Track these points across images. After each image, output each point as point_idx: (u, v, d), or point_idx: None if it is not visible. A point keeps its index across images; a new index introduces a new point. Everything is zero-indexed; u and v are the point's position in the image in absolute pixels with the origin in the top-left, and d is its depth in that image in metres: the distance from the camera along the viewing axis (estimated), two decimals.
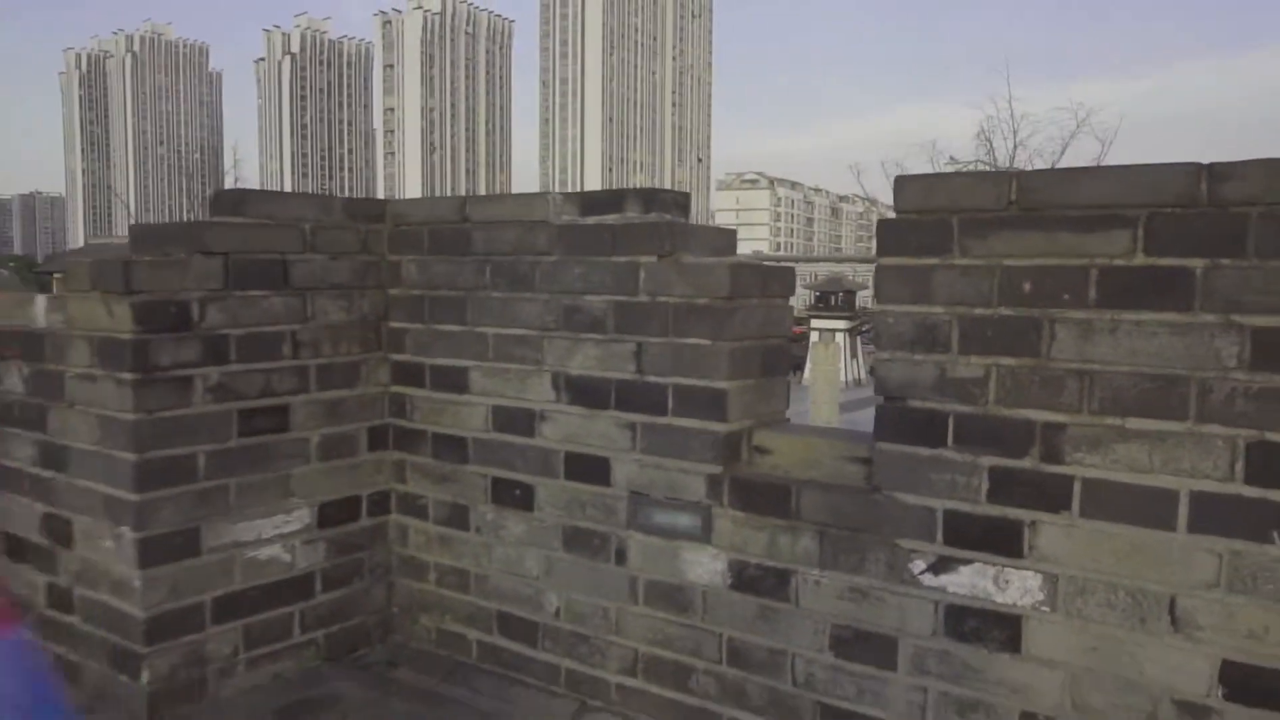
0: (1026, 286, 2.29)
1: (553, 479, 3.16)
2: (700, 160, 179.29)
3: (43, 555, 3.29)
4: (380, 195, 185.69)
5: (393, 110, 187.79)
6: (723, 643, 2.84)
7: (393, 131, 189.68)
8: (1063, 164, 38.35)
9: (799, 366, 26.42)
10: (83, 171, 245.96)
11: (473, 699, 3.21)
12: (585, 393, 3.06)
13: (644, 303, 2.90)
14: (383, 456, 3.56)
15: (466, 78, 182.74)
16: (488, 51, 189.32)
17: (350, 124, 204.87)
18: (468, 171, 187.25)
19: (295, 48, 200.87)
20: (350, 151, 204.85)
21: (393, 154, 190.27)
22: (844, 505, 2.59)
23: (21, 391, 3.27)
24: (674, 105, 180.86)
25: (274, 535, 3.26)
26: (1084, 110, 44.89)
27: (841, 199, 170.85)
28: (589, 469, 3.06)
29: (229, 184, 54.99)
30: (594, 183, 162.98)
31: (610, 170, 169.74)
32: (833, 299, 34.27)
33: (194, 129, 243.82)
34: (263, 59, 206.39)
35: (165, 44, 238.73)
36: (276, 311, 3.21)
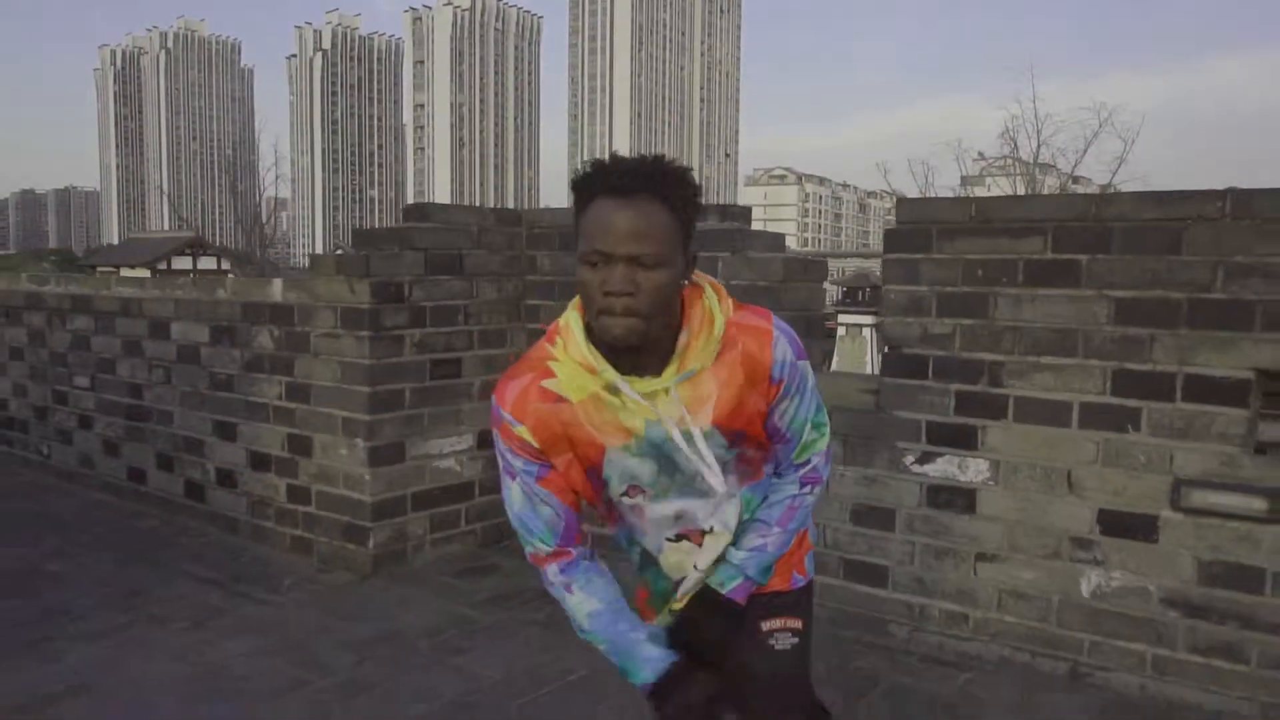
0: (979, 272, 3.52)
1: None
2: (728, 156, 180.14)
3: (284, 464, 4.60)
4: (409, 191, 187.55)
5: (423, 106, 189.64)
6: None
7: (423, 127, 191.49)
8: (1084, 163, 39.10)
9: (826, 359, 27.56)
10: (117, 166, 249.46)
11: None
12: None
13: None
14: None
15: (496, 73, 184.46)
16: (516, 47, 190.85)
17: (380, 120, 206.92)
18: (496, 167, 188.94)
19: (326, 44, 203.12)
20: (380, 147, 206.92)
21: (422, 149, 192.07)
22: (860, 421, 3.84)
23: (271, 347, 4.58)
24: (702, 101, 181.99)
25: (449, 451, 4.56)
26: (1106, 110, 45.70)
27: (869, 195, 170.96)
28: None
29: (270, 181, 56.33)
30: None
31: None
32: (860, 294, 35.36)
33: (226, 124, 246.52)
34: (294, 55, 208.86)
35: (199, 40, 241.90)
36: (455, 290, 4.50)
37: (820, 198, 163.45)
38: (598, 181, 1.58)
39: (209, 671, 3.26)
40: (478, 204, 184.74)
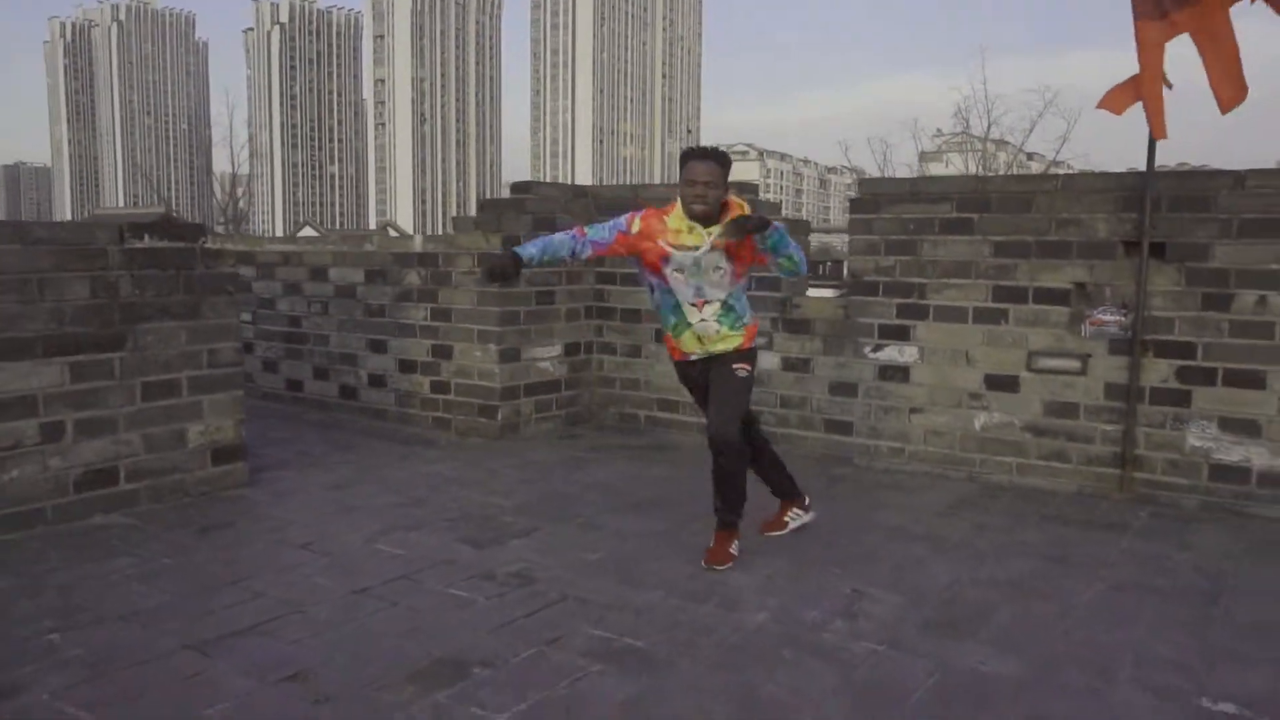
0: (911, 226, 5.51)
1: None
2: (690, 132, 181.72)
3: (428, 367, 6.50)
4: (371, 167, 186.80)
5: (383, 81, 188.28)
6: (778, 398, 6.07)
7: (383, 102, 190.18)
8: (1031, 141, 41.66)
9: None
10: (69, 141, 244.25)
11: (645, 438, 6.44)
12: None
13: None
14: (591, 322, 6.77)
15: (457, 48, 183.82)
16: (478, 22, 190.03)
17: (341, 95, 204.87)
18: (458, 143, 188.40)
19: (284, 18, 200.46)
20: (341, 123, 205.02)
21: (383, 125, 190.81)
22: (834, 326, 5.82)
23: (419, 283, 6.47)
24: (664, 77, 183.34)
25: (546, 356, 6.48)
26: (1051, 92, 48.53)
27: (830, 170, 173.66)
28: None
29: (238, 159, 56.67)
30: (584, 155, 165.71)
31: (601, 142, 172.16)
32: (820, 268, 37.41)
33: (181, 99, 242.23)
34: (251, 29, 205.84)
35: (151, 13, 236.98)
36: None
37: (781, 173, 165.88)
38: (692, 152, 3.72)
39: (427, 478, 5.15)
40: (440, 179, 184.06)
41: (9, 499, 3.98)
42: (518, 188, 6.45)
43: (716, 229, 3.67)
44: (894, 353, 5.64)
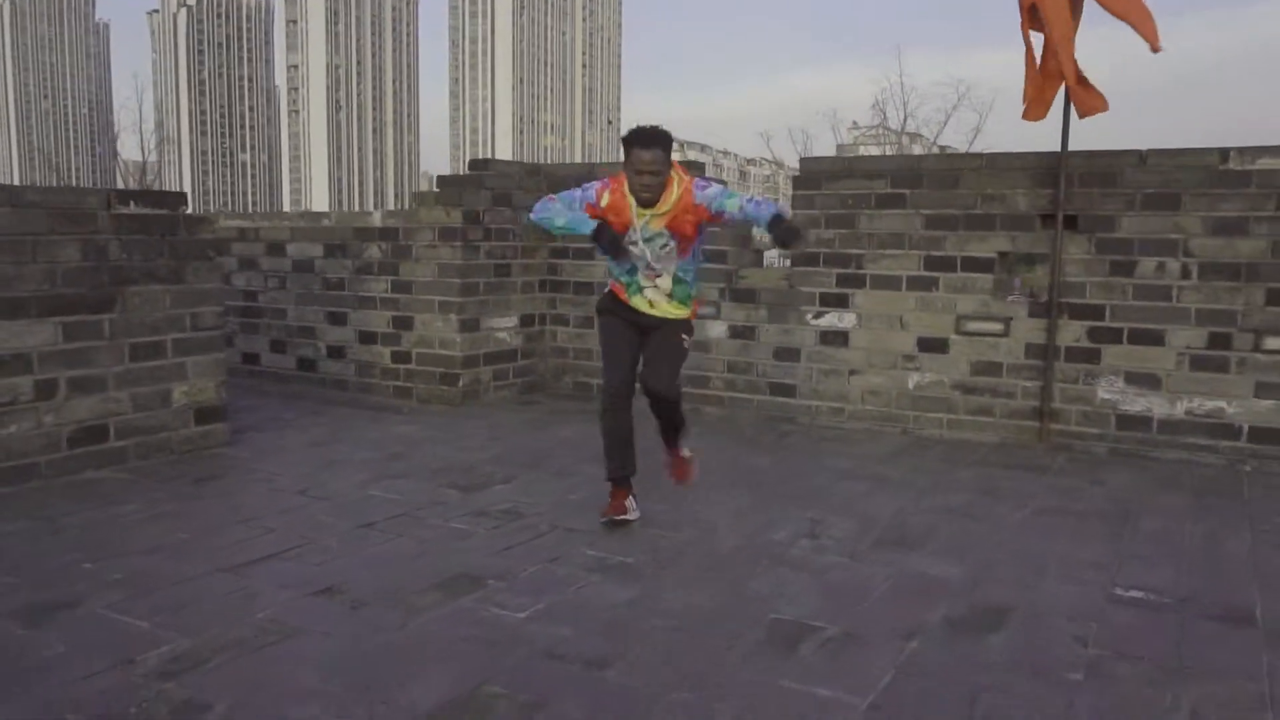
0: (850, 201, 5.95)
1: None
2: (611, 123, 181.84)
3: (388, 337, 6.72)
4: (284, 154, 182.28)
5: (296, 67, 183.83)
6: (725, 363, 6.47)
7: (296, 89, 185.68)
8: (945, 134, 42.93)
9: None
10: None
11: (589, 412, 6.76)
12: None
13: None
14: (545, 295, 7.07)
15: (373, 35, 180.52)
16: (394, 8, 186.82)
17: (252, 80, 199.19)
18: (375, 131, 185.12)
19: (191, 0, 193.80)
20: (252, 109, 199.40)
21: (297, 112, 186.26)
22: (778, 295, 6.23)
23: (379, 257, 6.68)
24: (584, 67, 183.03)
25: (504, 327, 6.77)
26: (964, 86, 50.18)
27: (749, 162, 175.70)
28: None
29: (148, 146, 55.03)
30: (505, 144, 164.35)
31: (521, 131, 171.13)
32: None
33: (81, 82, 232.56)
34: (156, 10, 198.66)
35: None
36: (507, 217, 6.68)
37: (701, 165, 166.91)
38: (635, 137, 3.70)
39: (400, 438, 5.40)
40: (356, 168, 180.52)
41: (5, 453, 4.12)
42: (476, 165, 6.70)
43: (653, 212, 3.75)
44: (834, 319, 6.08)
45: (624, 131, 3.84)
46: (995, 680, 2.41)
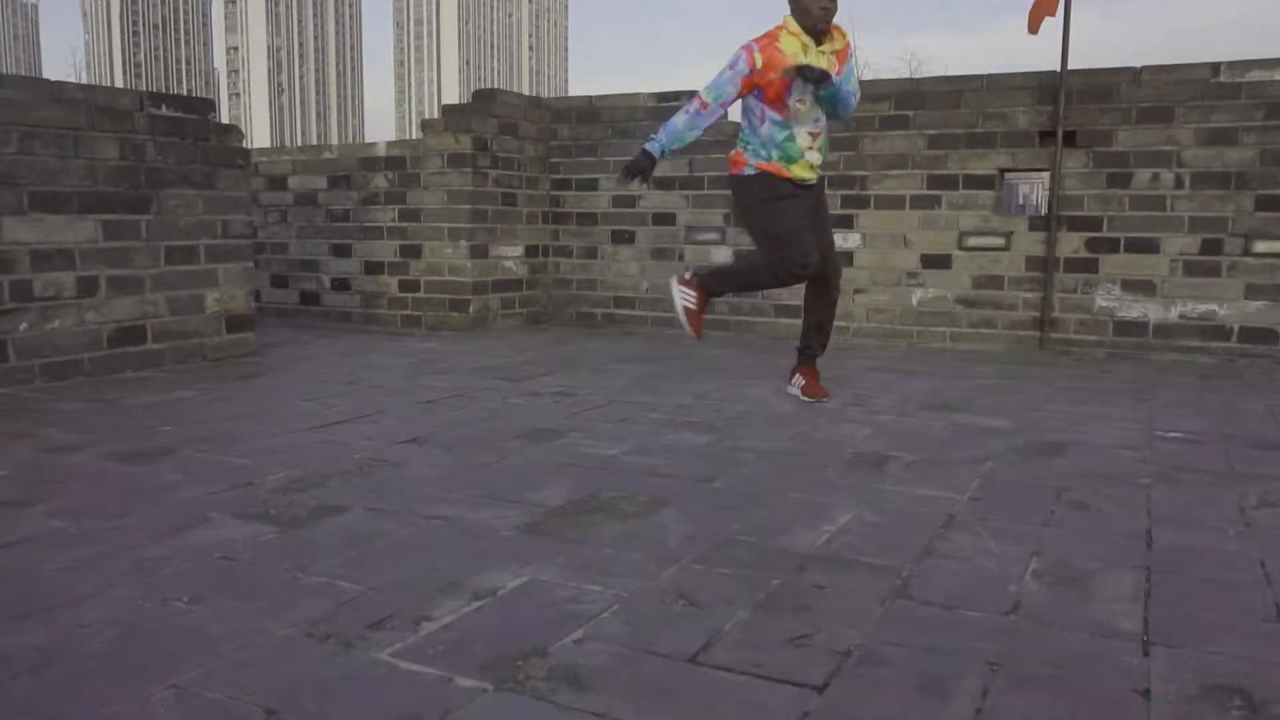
0: (854, 124, 6.11)
1: (646, 226, 6.85)
2: None
3: (396, 267, 6.75)
4: None
5: (236, 49, 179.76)
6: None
7: (237, 71, 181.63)
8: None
9: None
10: None
11: (606, 329, 6.89)
12: (664, 183, 6.74)
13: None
14: (547, 227, 7.15)
15: (315, 16, 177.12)
16: None
17: (189, 63, 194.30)
18: (319, 114, 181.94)
19: None
20: (191, 92, 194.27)
21: (238, 95, 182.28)
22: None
23: (386, 186, 6.70)
24: (531, 49, 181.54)
25: (510, 256, 6.83)
26: (916, 60, 50.80)
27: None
28: (666, 218, 6.77)
29: None
30: None
31: None
32: None
33: (9, 65, 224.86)
34: None
35: None
36: (513, 146, 6.74)
37: None
38: None
39: (426, 350, 5.46)
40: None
41: (51, 348, 4.12)
42: (480, 95, 6.74)
43: (828, 48, 3.71)
44: (839, 239, 6.25)
45: None
46: (1074, 483, 2.59)
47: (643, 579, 1.82)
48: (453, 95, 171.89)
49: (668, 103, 6.72)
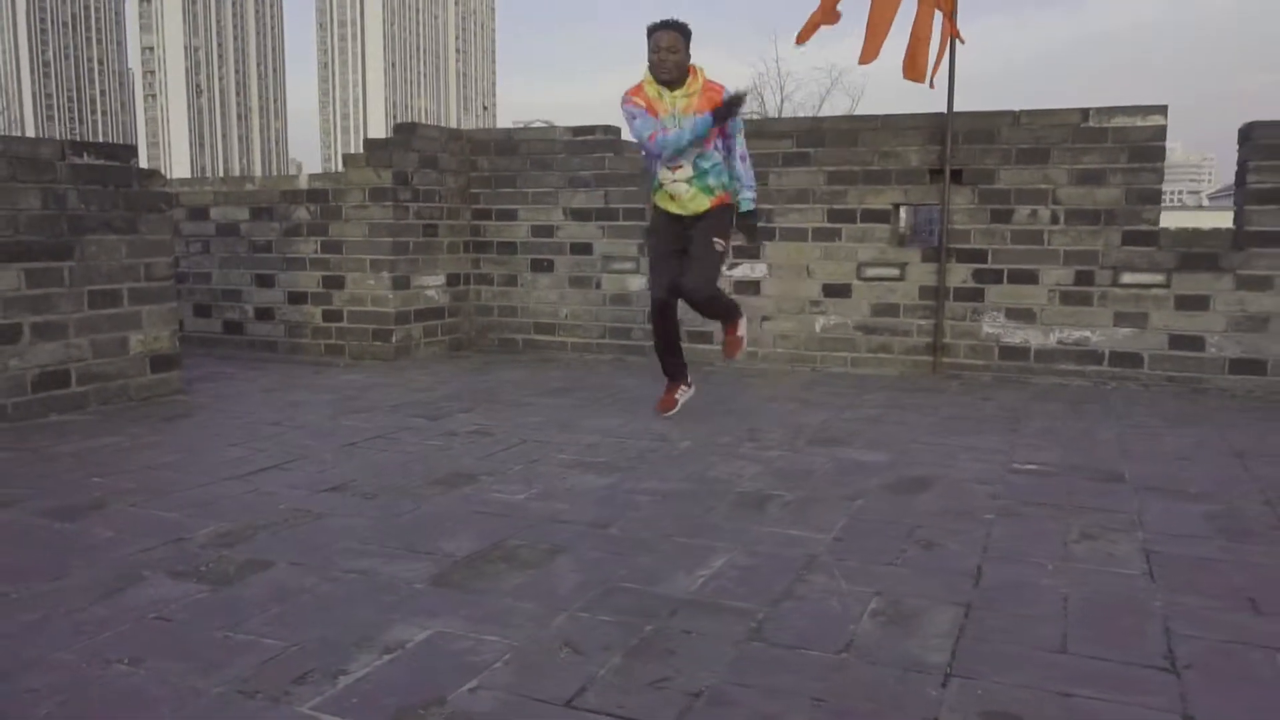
0: (760, 159, 6.46)
1: (564, 255, 7.12)
2: (486, 109, 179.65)
3: (319, 297, 6.90)
4: (142, 140, 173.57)
5: (152, 49, 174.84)
6: (644, 313, 6.90)
7: (153, 72, 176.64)
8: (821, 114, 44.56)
9: None
10: None
11: (527, 355, 7.13)
12: (580, 215, 7.02)
13: (587, 175, 6.88)
14: (468, 255, 7.36)
15: (235, 16, 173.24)
16: None
17: (102, 62, 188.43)
18: (240, 116, 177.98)
19: None
20: (104, 93, 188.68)
21: (154, 96, 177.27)
22: (747, 222, 6.70)
23: (308, 218, 6.85)
24: (458, 52, 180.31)
25: (432, 285, 7.04)
26: (836, 71, 52.04)
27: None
28: (583, 248, 7.04)
29: None
30: (378, 129, 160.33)
31: (395, 116, 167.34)
32: None
33: None
34: None
35: None
36: (433, 179, 6.95)
37: None
38: (656, 25, 4.25)
39: (349, 384, 5.64)
40: (220, 152, 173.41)
41: None
42: (401, 129, 6.93)
43: (680, 93, 4.26)
44: (747, 270, 6.60)
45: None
46: (928, 520, 2.93)
47: (534, 628, 2.09)
48: (378, 98, 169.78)
49: (582, 136, 7.00)
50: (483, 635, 2.05)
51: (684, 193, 4.43)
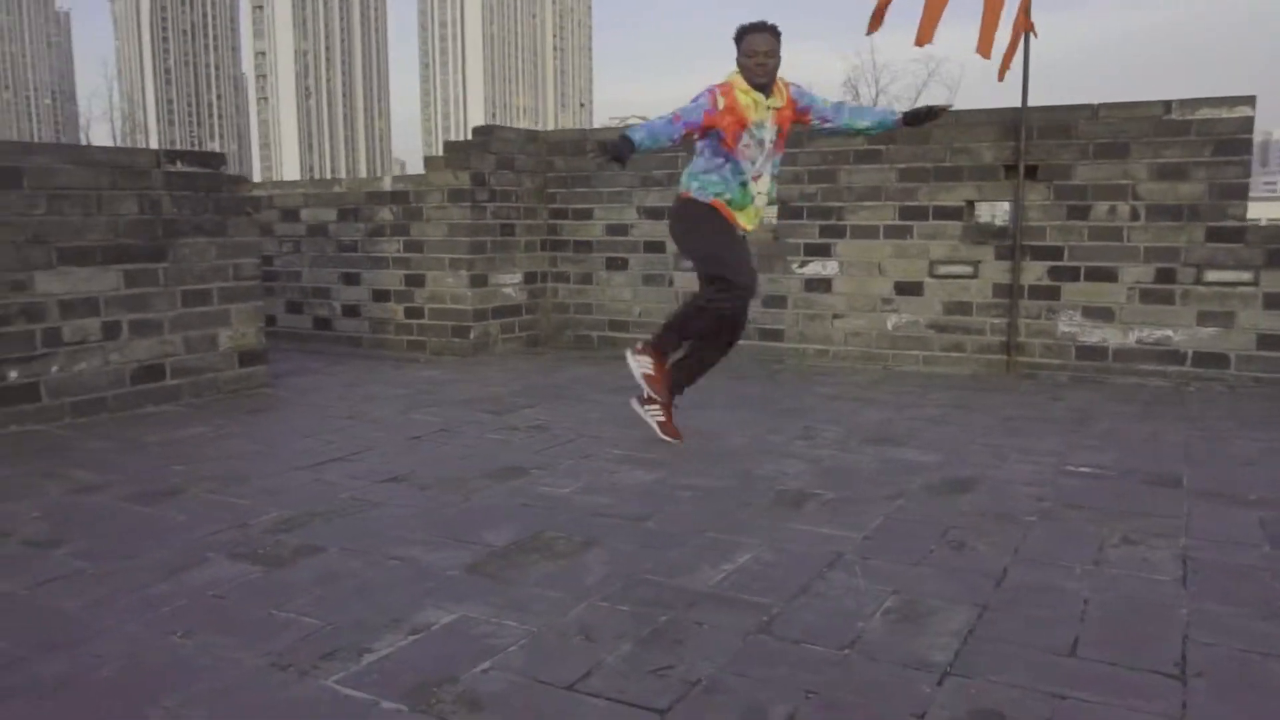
0: (830, 158, 6.45)
1: (637, 253, 7.22)
2: (583, 105, 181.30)
3: (402, 295, 7.16)
4: (254, 142, 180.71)
5: (264, 54, 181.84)
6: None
7: (265, 76, 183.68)
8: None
9: None
10: None
11: (601, 353, 7.26)
12: (652, 214, 7.11)
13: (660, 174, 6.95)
14: (545, 254, 7.54)
15: (341, 20, 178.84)
16: None
17: (218, 68, 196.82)
18: (345, 117, 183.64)
19: None
20: (220, 97, 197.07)
21: (266, 99, 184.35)
22: (766, 247, 6.73)
23: (391, 219, 7.11)
24: (556, 50, 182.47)
25: (509, 283, 7.23)
26: (934, 62, 50.86)
27: None
28: (655, 246, 7.13)
29: (116, 131, 54.82)
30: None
31: (494, 116, 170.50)
32: None
33: (43, 72, 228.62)
34: None
35: None
36: (510, 180, 7.14)
37: None
38: (750, 27, 4.01)
39: (426, 379, 5.86)
40: (328, 152, 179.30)
41: (79, 387, 4.56)
42: (479, 131, 7.14)
43: (771, 102, 4.00)
44: (818, 267, 6.60)
45: (737, 28, 4.03)
46: (964, 521, 2.93)
47: (554, 616, 2.19)
48: (477, 97, 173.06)
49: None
50: (504, 620, 2.16)
51: (762, 205, 4.17)
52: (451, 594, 2.33)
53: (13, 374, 4.31)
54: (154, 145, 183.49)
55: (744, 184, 4.07)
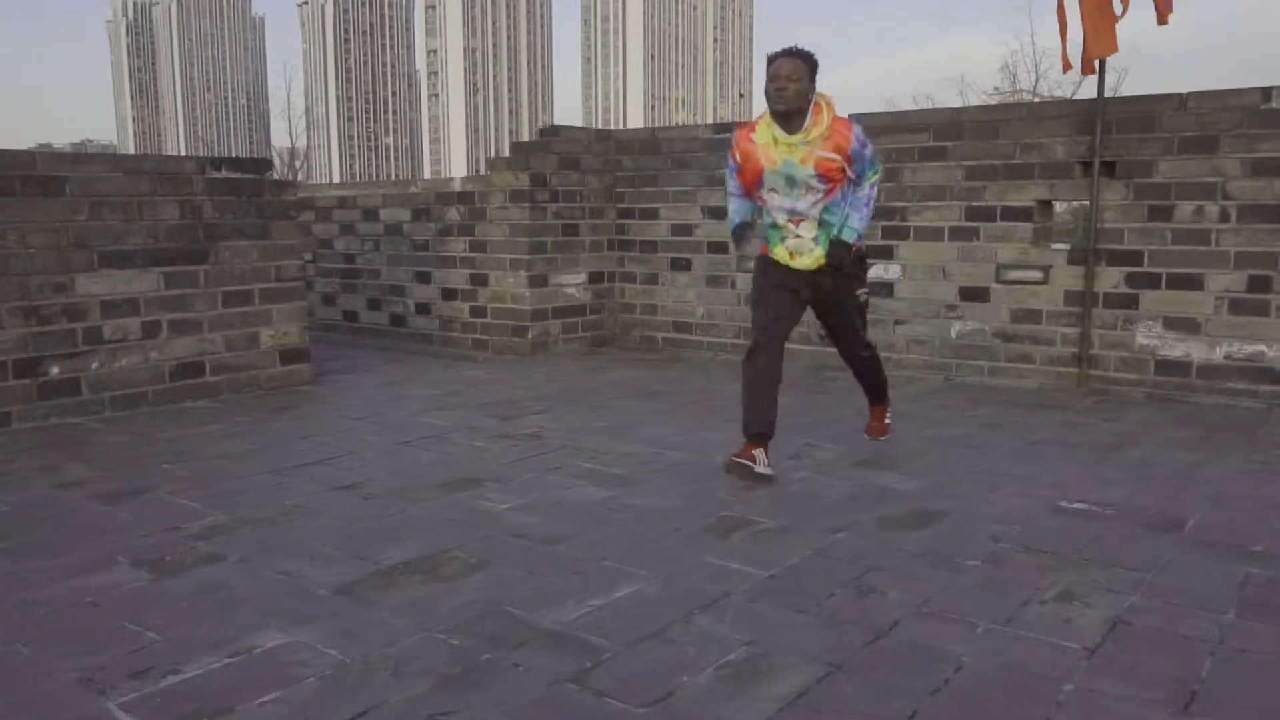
0: (894, 155, 6.11)
1: (701, 254, 7.07)
2: (742, 95, 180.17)
3: (468, 294, 7.27)
4: (425, 136, 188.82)
5: (435, 52, 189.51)
6: None
7: (436, 73, 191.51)
8: (1081, 93, 41.00)
9: None
10: (133, 119, 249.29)
11: (663, 354, 7.15)
12: (716, 214, 6.94)
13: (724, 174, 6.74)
14: (613, 254, 7.48)
15: (508, 17, 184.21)
16: None
17: (394, 66, 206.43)
18: (510, 112, 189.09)
19: None
20: (394, 94, 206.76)
21: (436, 95, 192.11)
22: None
23: (458, 219, 7.23)
24: (715, 41, 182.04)
25: (572, 283, 7.22)
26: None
27: None
28: (719, 247, 6.96)
29: (295, 131, 58.05)
30: (636, 121, 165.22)
31: (653, 107, 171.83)
32: None
33: (240, 74, 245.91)
34: (305, 2, 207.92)
35: None
36: (574, 180, 7.12)
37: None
38: (773, 55, 3.75)
39: (465, 380, 5.93)
40: (493, 146, 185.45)
41: (120, 383, 4.84)
42: (546, 132, 7.16)
43: (800, 139, 3.64)
44: (880, 270, 6.27)
45: None
46: (893, 563, 2.69)
47: (380, 646, 2.14)
48: (637, 90, 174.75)
49: (722, 134, 6.91)
50: (327, 649, 2.13)
51: (807, 249, 3.86)
52: (300, 615, 2.32)
53: (54, 369, 4.61)
54: (333, 140, 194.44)
55: (773, 225, 3.89)
